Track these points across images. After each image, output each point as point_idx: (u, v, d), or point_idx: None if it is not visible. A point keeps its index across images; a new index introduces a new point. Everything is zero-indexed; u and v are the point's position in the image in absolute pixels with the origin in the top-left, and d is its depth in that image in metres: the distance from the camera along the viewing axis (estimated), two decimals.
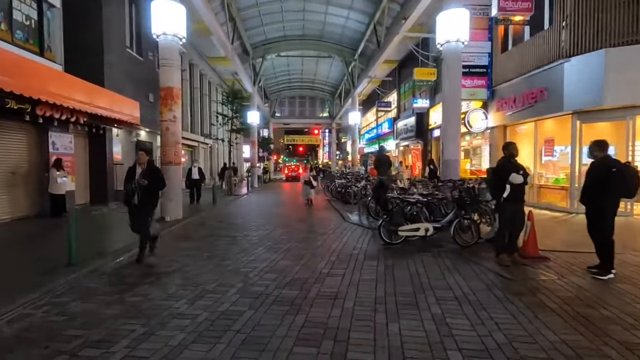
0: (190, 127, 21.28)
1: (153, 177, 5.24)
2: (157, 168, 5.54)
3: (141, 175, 5.17)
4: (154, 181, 5.26)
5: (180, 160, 9.37)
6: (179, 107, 9.35)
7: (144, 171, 5.23)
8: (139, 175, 5.17)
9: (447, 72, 9.56)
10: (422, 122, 19.55)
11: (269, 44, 25.31)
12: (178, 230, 7.86)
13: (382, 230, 5.90)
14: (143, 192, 5.14)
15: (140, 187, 5.11)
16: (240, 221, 8.99)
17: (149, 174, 5.21)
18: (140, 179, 5.11)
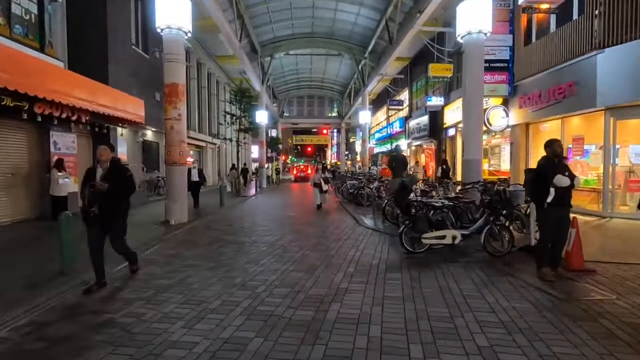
0: (198, 127, 20.95)
1: (117, 180, 4.10)
2: (122, 167, 4.40)
3: (102, 177, 4.06)
4: (119, 185, 4.11)
5: (186, 160, 8.93)
6: (184, 105, 8.91)
7: (105, 172, 4.11)
8: (99, 178, 4.06)
9: (468, 66, 8.93)
10: (435, 121, 18.86)
11: (278, 42, 24.86)
12: (182, 235, 7.40)
13: (403, 237, 5.34)
14: (105, 199, 4.01)
15: (99, 193, 3.97)
16: (248, 225, 8.50)
17: (112, 176, 4.09)
18: (99, 182, 4.00)
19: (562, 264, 4.52)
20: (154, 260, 5.41)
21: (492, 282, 4.19)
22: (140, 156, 13.98)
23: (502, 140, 13.44)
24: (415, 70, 22.54)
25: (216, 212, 10.98)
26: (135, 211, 10.94)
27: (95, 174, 4.12)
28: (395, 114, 28.08)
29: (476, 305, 3.47)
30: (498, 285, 4.07)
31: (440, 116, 17.92)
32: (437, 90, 18.99)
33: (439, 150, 18.96)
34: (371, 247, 6.11)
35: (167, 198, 8.78)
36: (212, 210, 11.27)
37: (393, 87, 23.40)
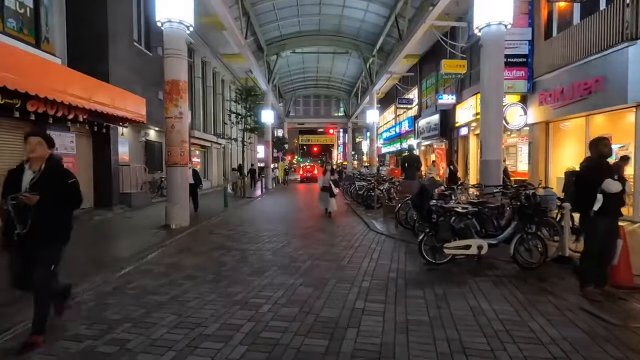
0: (202, 126, 20.58)
1: (54, 187, 2.84)
2: (63, 171, 3.08)
3: (32, 183, 2.83)
4: (57, 195, 2.85)
5: (187, 160, 8.49)
6: (186, 103, 8.46)
7: (39, 176, 2.87)
8: (26, 184, 2.83)
9: (487, 60, 8.35)
10: (446, 120, 18.25)
11: (284, 40, 24.42)
12: (183, 241, 6.94)
13: (423, 246, 4.81)
14: (38, 214, 2.77)
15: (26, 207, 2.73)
16: (253, 230, 8.02)
17: (47, 182, 2.84)
18: (26, 192, 2.75)
19: (609, 280, 3.96)
20: (149, 270, 4.95)
21: (530, 302, 3.65)
22: (142, 156, 13.61)
23: (519, 139, 12.81)
24: (425, 68, 21.93)
25: (220, 214, 10.53)
26: (136, 214, 10.69)
27: (22, 178, 2.87)
28: (404, 112, 27.46)
29: (519, 334, 2.93)
30: (539, 306, 3.53)
31: (452, 115, 17.30)
32: (448, 88, 18.36)
33: (450, 150, 18.34)
34: (386, 256, 5.59)
35: (167, 201, 8.35)
36: (215, 212, 10.82)
37: (402, 86, 22.80)
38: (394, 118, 30.78)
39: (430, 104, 21.20)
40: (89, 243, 6.73)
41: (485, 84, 8.42)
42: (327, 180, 10.34)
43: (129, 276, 4.69)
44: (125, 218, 9.70)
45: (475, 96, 14.35)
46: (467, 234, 4.77)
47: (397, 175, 19.24)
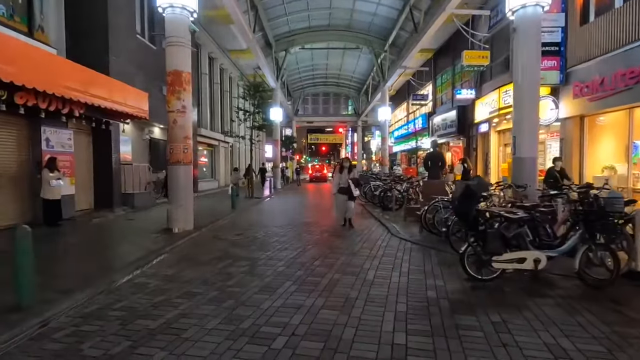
0: (210, 124, 19.98)
1: None
2: None
3: None
4: None
5: (191, 158, 7.80)
6: (190, 96, 7.77)
7: None
8: None
9: (522, 47, 7.49)
10: (464, 116, 17.33)
11: (293, 36, 23.71)
12: (185, 248, 6.24)
13: (466, 259, 4.02)
14: None
15: None
16: (262, 235, 7.29)
17: None
18: None
19: None
20: (143, 285, 4.24)
21: (620, 336, 2.84)
22: (147, 155, 13.01)
23: (547, 135, 11.86)
24: (440, 63, 21.00)
25: (227, 217, 9.84)
26: (138, 215, 10.06)
27: None
28: (417, 109, 26.54)
29: None
30: (636, 344, 2.72)
31: (471, 111, 16.38)
32: (466, 82, 17.45)
33: (468, 147, 17.42)
34: (418, 268, 4.80)
35: (169, 202, 7.67)
36: (222, 214, 10.14)
37: (416, 81, 21.91)
38: (406, 116, 29.86)
39: (445, 100, 20.28)
40: (82, 250, 6.07)
41: (520, 74, 7.55)
42: (344, 180, 8.07)
43: (119, 292, 3.99)
44: (126, 220, 9.07)
45: (497, 90, 13.45)
46: (521, 244, 3.96)
47: (412, 174, 18.40)
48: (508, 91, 12.80)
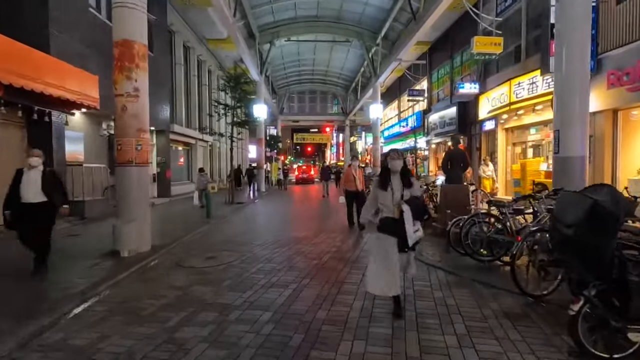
0: (186, 121, 17.96)
1: None
2: None
3: None
4: None
5: (147, 157, 5.96)
6: (145, 76, 5.93)
7: None
8: None
9: (569, 19, 6.02)
10: (466, 113, 15.99)
11: (278, 27, 21.95)
12: (129, 286, 4.41)
13: (580, 323, 2.39)
14: None
15: None
16: (241, 260, 5.49)
17: None
18: None
19: None
20: None
21: None
22: (105, 155, 10.98)
23: None
24: (436, 57, 19.65)
25: (199, 229, 8.00)
26: (86, 229, 7.83)
27: None
28: (409, 108, 25.20)
29: None
30: None
31: (474, 107, 15.03)
32: (467, 76, 16.11)
33: (470, 147, 16.05)
34: (479, 325, 3.14)
35: (117, 216, 5.79)
36: (194, 226, 8.29)
37: (413, 75, 20.46)
38: (398, 114, 28.53)
39: (443, 96, 18.92)
40: None
41: (564, 55, 6.04)
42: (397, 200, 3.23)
43: None
44: (67, 237, 7.11)
45: (508, 82, 12.09)
46: None
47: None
48: (521, 83, 11.45)
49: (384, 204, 3.28)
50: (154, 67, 13.70)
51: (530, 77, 10.94)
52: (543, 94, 10.48)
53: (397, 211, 3.19)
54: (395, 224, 3.18)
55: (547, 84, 10.34)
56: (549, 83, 10.27)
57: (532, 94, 10.94)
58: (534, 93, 10.87)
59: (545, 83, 10.39)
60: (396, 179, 3.27)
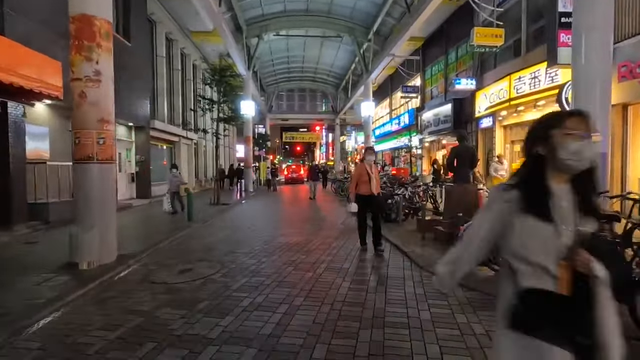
0: (168, 117, 16.97)
1: None
2: None
3: None
4: None
5: (112, 153, 5.11)
6: (109, 58, 5.08)
7: None
8: None
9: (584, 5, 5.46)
10: (461, 110, 15.47)
11: (267, 21, 21.11)
12: (84, 306, 3.59)
13: None
14: None
15: None
16: (222, 272, 4.70)
17: None
18: None
19: None
20: None
21: None
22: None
23: None
24: (429, 54, 19.12)
25: (178, 234, 7.15)
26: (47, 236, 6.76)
27: None
28: (401, 106, 24.70)
29: None
30: None
31: (470, 104, 14.50)
32: (462, 72, 15.58)
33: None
34: None
35: (75, 223, 4.94)
36: (172, 230, 7.45)
37: (406, 71, 19.87)
38: (389, 113, 28.00)
39: (437, 93, 18.40)
40: None
41: (584, 43, 5.45)
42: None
43: None
44: (23, 245, 6.20)
45: (507, 77, 11.55)
46: None
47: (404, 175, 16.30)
48: (522, 78, 10.91)
49: (529, 255, 1.20)
50: (131, 58, 12.77)
51: (533, 71, 10.41)
52: (546, 88, 9.96)
53: (566, 276, 1.16)
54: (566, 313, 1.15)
55: (550, 78, 9.83)
56: (552, 77, 9.77)
57: (534, 89, 10.42)
58: (536, 88, 10.34)
59: (549, 77, 9.87)
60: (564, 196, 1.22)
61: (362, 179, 5.68)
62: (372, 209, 5.79)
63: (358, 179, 5.75)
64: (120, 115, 11.84)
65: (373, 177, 5.65)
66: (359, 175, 5.76)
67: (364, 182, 5.66)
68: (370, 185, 5.62)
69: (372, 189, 5.63)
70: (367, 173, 5.66)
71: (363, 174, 5.69)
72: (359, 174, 5.78)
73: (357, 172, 5.88)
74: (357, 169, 6.02)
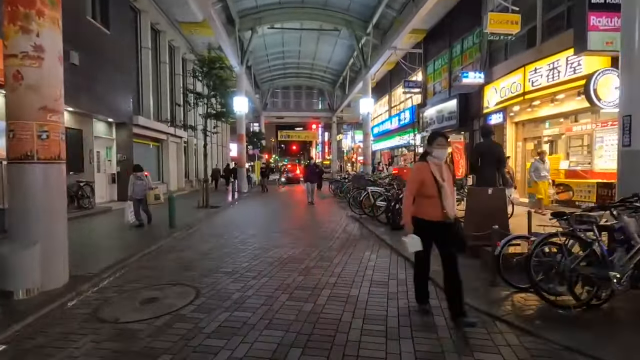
0: (154, 113, 15.87)
1: None
2: None
3: None
4: None
5: (60, 150, 4.08)
6: (57, 31, 4.04)
7: None
8: None
9: None
10: (467, 106, 14.56)
11: (260, 12, 20.03)
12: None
13: None
14: None
15: None
16: (199, 302, 3.69)
17: None
18: None
19: None
20: None
21: None
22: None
23: (594, 126, 9.13)
24: (432, 48, 18.19)
25: (152, 246, 6.12)
26: None
27: None
28: (401, 103, 23.77)
29: None
30: None
31: (477, 99, 13.59)
32: (468, 66, 14.65)
33: (471, 143, 14.63)
34: None
35: (9, 237, 3.90)
36: (146, 240, 6.40)
37: (409, 65, 18.92)
38: (388, 110, 27.06)
39: (440, 89, 17.47)
40: None
41: (638, 21, 4.52)
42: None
43: None
44: None
45: (522, 69, 10.63)
46: None
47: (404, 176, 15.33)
48: (539, 69, 9.99)
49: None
50: (111, 48, 11.67)
51: (551, 61, 9.49)
52: (567, 80, 9.05)
53: None
54: None
55: (572, 69, 8.91)
56: (574, 68, 8.85)
57: (552, 81, 9.50)
58: (555, 80, 9.43)
59: (570, 68, 8.95)
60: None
61: (427, 192, 3.15)
62: (446, 246, 3.18)
63: (418, 189, 3.19)
64: (98, 109, 10.76)
65: (446, 188, 3.15)
66: (419, 184, 3.18)
67: (431, 198, 3.14)
68: (441, 202, 3.11)
69: (448, 210, 3.11)
70: (434, 180, 3.14)
71: (428, 181, 3.15)
72: (419, 181, 3.18)
73: (417, 177, 3.21)
74: (416, 173, 3.25)
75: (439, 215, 3.12)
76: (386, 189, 8.76)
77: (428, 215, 3.15)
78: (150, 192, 8.06)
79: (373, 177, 13.34)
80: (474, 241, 5.13)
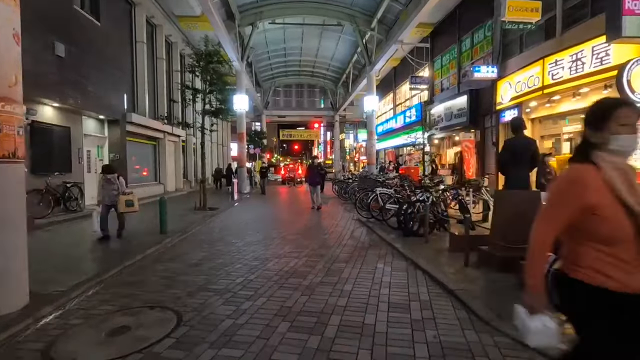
0: (150, 111, 15.22)
1: None
2: None
3: None
4: None
5: (16, 146, 3.44)
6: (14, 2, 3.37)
7: None
8: None
9: None
10: (478, 103, 13.85)
11: (261, 7, 19.37)
12: None
13: None
14: None
15: None
16: (179, 334, 3.01)
17: None
18: None
19: None
20: None
21: None
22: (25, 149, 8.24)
23: None
24: (439, 43, 17.46)
25: (138, 255, 5.44)
26: None
27: None
28: (407, 100, 23.03)
29: None
30: None
31: (489, 94, 12.85)
32: (479, 61, 13.92)
33: (482, 141, 13.92)
34: None
35: None
36: (132, 248, 5.73)
37: (417, 60, 18.18)
38: (393, 108, 26.31)
39: (448, 85, 16.74)
40: None
41: None
42: None
43: None
44: None
45: (540, 62, 9.89)
46: None
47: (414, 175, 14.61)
48: (559, 61, 9.25)
49: None
50: (102, 41, 11.03)
51: (574, 52, 8.75)
52: (593, 72, 8.31)
53: None
54: None
55: (598, 59, 8.17)
56: (601, 58, 8.11)
57: (576, 74, 8.77)
58: (578, 72, 8.69)
59: (597, 59, 8.21)
60: None
61: (606, 231, 1.36)
62: None
63: (579, 227, 1.42)
64: (88, 105, 10.11)
65: None
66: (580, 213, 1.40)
67: (618, 245, 1.36)
68: None
69: None
70: (623, 206, 1.35)
71: (607, 209, 1.36)
72: (581, 207, 1.39)
73: (570, 199, 1.41)
74: (568, 189, 1.43)
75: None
76: (396, 190, 8.06)
77: (617, 281, 1.36)
78: (121, 197, 6.71)
79: (381, 178, 12.62)
80: (504, 252, 4.46)
